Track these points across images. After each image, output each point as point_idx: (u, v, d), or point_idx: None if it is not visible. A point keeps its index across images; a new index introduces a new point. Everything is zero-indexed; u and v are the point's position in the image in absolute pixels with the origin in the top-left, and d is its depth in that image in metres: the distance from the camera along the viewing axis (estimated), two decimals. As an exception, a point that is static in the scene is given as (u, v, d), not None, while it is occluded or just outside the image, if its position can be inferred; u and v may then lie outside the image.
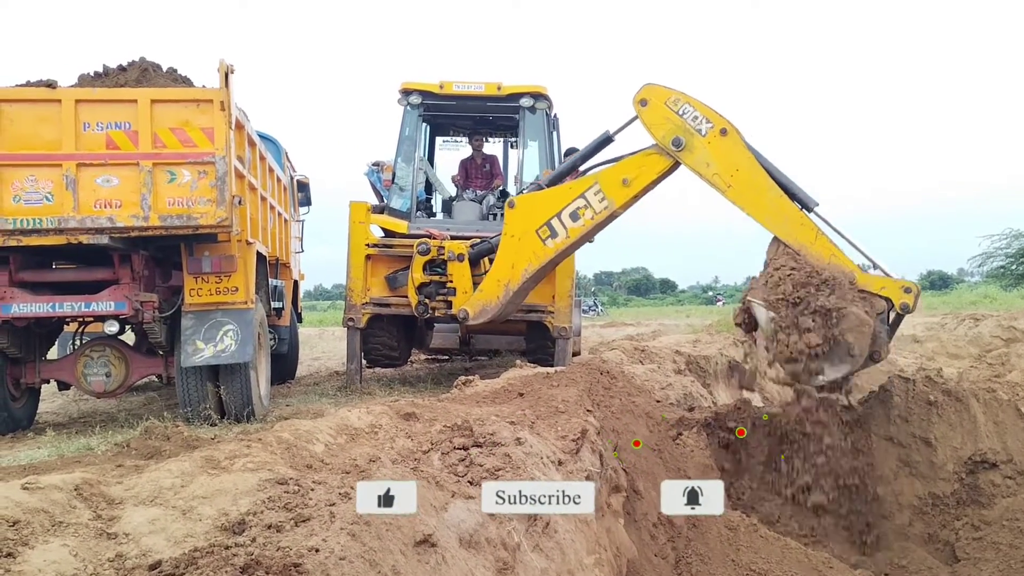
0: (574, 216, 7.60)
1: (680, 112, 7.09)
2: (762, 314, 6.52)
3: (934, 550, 6.50)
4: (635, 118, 7.35)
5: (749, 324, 6.77)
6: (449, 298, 8.85)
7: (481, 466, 4.04)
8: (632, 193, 7.48)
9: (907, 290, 6.53)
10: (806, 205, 6.91)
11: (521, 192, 8.96)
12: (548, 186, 7.99)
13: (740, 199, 6.96)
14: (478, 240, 9.06)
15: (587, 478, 4.76)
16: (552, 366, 8.25)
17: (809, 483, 6.50)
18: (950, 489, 6.56)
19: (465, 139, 11.65)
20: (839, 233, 6.82)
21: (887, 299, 6.54)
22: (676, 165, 7.27)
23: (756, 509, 6.66)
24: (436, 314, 9.10)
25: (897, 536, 6.57)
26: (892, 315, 6.66)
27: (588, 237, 8.02)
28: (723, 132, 6.99)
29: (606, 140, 7.85)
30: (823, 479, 6.49)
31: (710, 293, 67.02)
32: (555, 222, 7.68)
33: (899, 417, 6.80)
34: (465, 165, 11.43)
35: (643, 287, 79.14)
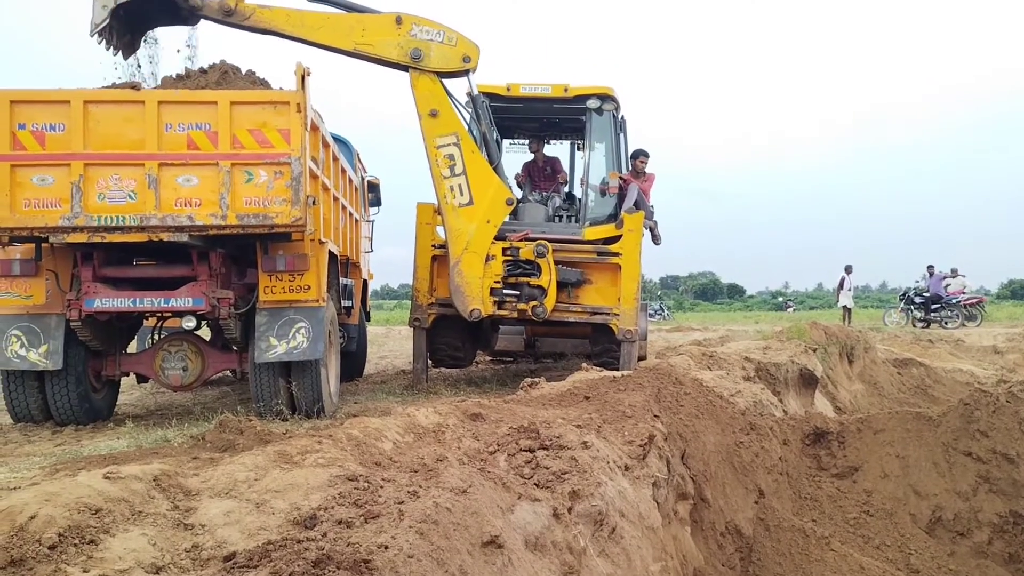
0: (452, 170, 8.78)
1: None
2: None
3: (1015, 570, 6.25)
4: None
5: None
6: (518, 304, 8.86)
7: (547, 469, 4.03)
8: (444, 108, 8.71)
9: None
10: None
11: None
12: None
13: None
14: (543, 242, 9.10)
15: (654, 484, 4.72)
16: (618, 370, 8.19)
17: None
18: (1033, 507, 6.31)
19: (527, 142, 11.60)
20: None
21: None
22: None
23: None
24: (502, 315, 9.11)
25: (975, 555, 6.34)
26: None
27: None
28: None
29: None
30: None
31: (780, 299, 65.60)
32: (453, 187, 8.83)
33: (979, 432, 6.57)
34: (528, 167, 11.39)
35: (710, 292, 77.95)
